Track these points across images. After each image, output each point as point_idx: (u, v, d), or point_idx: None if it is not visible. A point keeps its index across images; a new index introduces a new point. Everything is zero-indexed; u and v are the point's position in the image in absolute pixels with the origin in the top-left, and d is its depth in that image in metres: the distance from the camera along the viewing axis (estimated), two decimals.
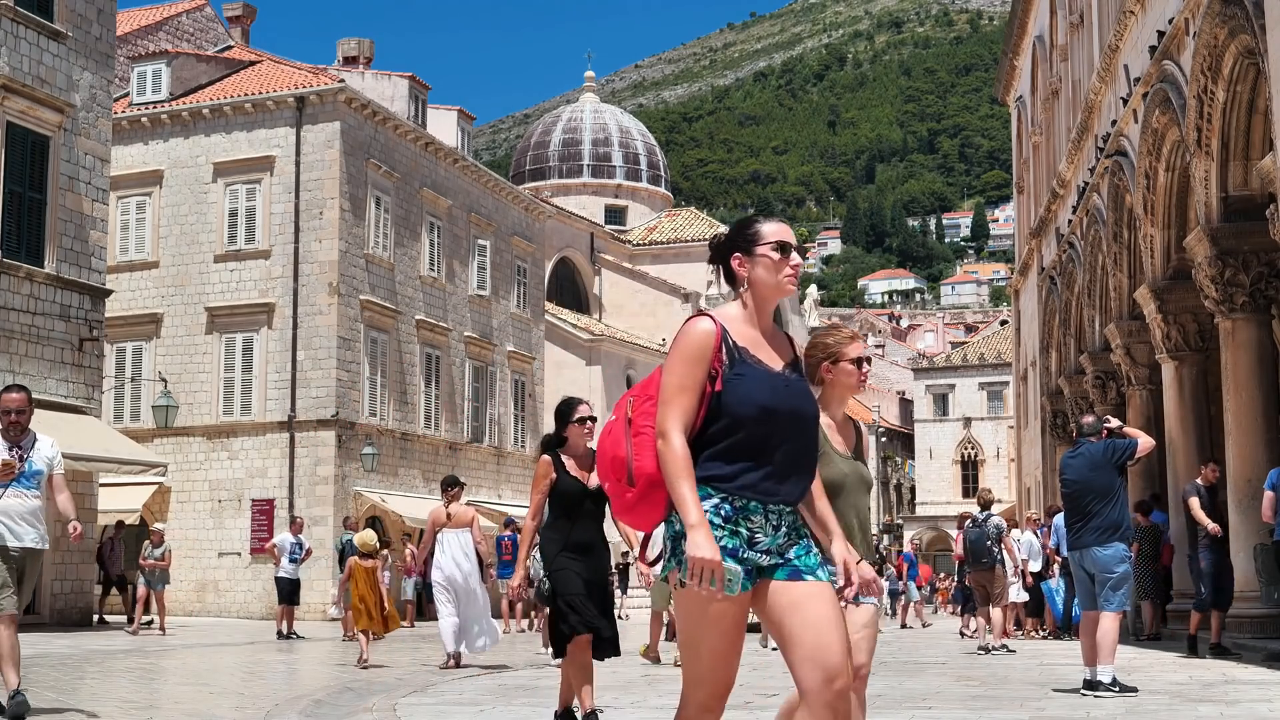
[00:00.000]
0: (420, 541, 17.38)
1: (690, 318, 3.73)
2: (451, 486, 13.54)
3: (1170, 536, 17.89)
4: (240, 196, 31.74)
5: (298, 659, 16.08)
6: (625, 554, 32.81)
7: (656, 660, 13.60)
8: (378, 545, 14.91)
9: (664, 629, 15.37)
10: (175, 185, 32.28)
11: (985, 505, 16.48)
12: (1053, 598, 19.78)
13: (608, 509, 6.76)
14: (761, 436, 3.62)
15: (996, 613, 16.12)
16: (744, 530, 3.59)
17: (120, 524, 26.66)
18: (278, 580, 21.51)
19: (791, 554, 3.64)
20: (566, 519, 7.03)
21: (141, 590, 21.90)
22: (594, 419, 7.15)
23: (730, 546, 3.56)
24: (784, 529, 3.65)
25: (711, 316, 3.71)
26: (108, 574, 25.42)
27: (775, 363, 3.74)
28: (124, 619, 24.50)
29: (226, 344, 31.46)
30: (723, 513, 3.57)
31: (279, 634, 20.63)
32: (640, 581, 32.29)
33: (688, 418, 3.61)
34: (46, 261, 22.81)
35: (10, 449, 7.96)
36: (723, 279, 3.86)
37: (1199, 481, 14.04)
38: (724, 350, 3.66)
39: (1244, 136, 15.33)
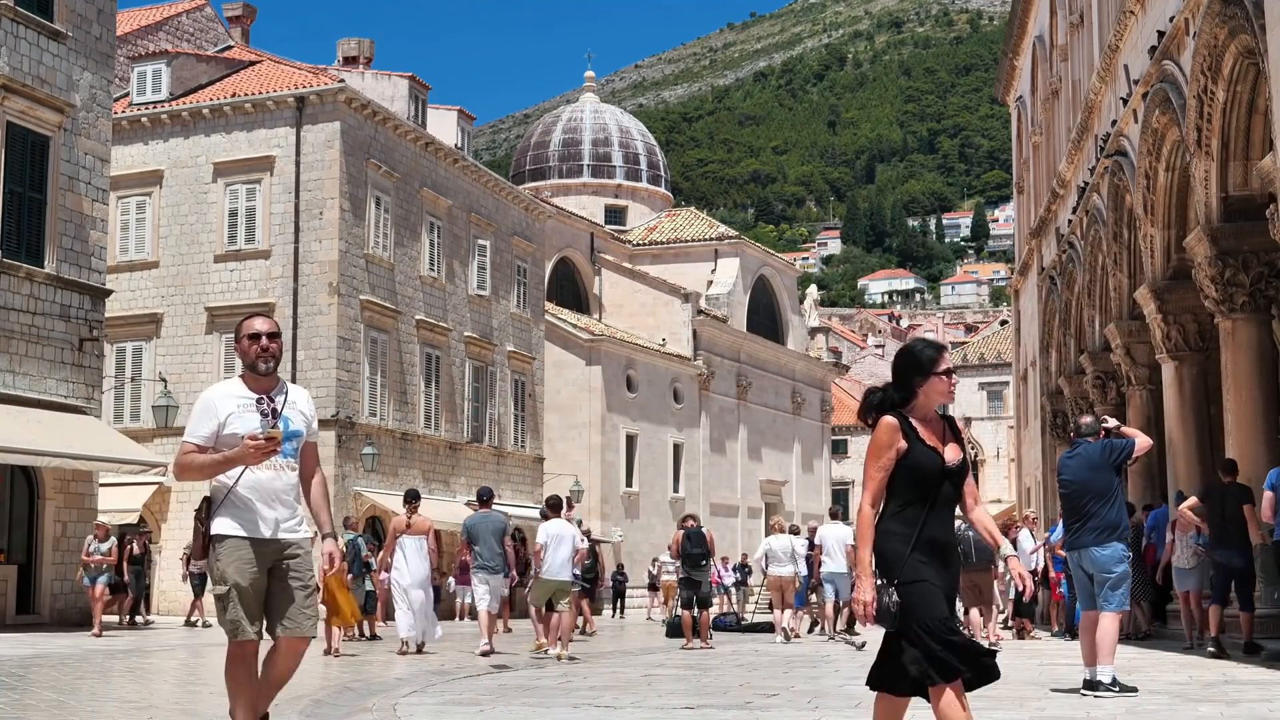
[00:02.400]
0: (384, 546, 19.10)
1: None
2: (413, 499, 15.65)
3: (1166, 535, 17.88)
4: (240, 196, 31.75)
5: None
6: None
7: (559, 652, 14.54)
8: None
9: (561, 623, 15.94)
10: (175, 185, 32.29)
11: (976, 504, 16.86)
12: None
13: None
14: None
15: (974, 613, 16.48)
16: None
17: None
18: None
19: None
20: (919, 505, 5.09)
21: (99, 589, 20.45)
22: (954, 370, 5.33)
23: None
24: None
25: None
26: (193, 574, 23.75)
27: None
28: (189, 618, 24.39)
29: (226, 344, 31.46)
30: None
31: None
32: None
33: None
34: (46, 261, 22.81)
35: (259, 401, 5.64)
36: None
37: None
38: None
39: (1244, 136, 15.33)
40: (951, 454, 5.15)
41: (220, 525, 5.55)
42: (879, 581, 5.02)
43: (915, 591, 4.94)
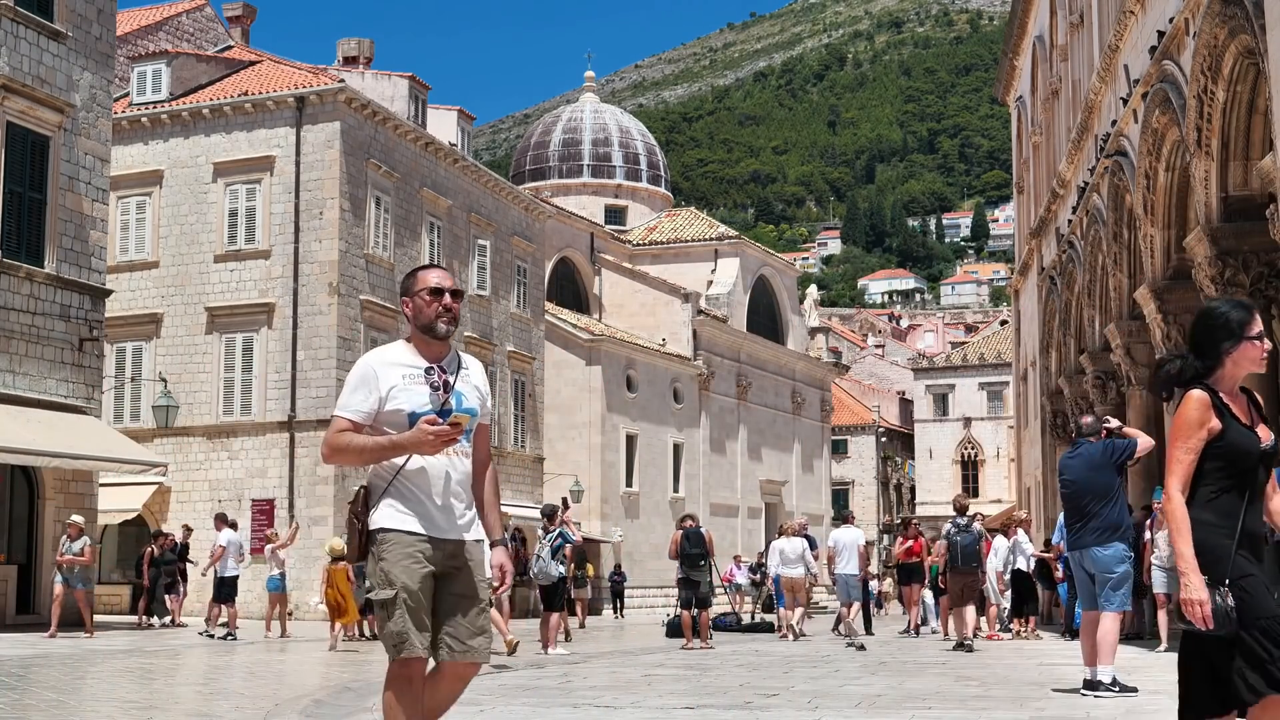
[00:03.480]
0: None
1: None
2: None
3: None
4: (240, 196, 31.74)
5: (297, 659, 16.08)
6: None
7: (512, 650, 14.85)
8: (345, 549, 17.16)
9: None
10: (175, 185, 32.28)
11: (963, 511, 17.23)
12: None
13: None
14: None
15: (970, 612, 16.68)
16: None
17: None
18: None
19: None
20: (1235, 493, 4.37)
21: (58, 589, 19.58)
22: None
23: None
24: None
25: None
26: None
27: None
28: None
29: (226, 344, 31.47)
30: None
31: (223, 634, 20.04)
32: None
33: None
34: (46, 261, 22.81)
35: (428, 372, 4.66)
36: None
37: None
38: None
39: (1244, 136, 15.33)
40: (1264, 434, 4.46)
41: (383, 517, 4.56)
42: (1204, 579, 4.31)
43: (1248, 587, 4.22)
